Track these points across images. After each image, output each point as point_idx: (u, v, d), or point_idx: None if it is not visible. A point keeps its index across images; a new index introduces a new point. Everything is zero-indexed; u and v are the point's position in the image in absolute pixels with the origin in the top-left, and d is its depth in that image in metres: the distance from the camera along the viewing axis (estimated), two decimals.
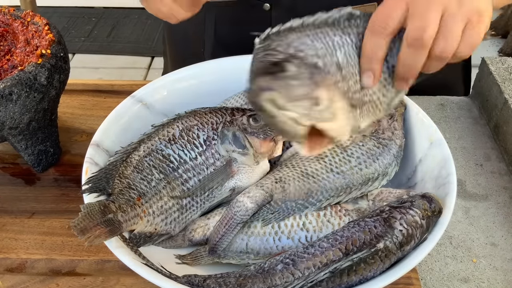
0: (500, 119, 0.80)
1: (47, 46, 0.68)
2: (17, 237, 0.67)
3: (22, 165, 0.77)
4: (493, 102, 0.83)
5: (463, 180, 0.75)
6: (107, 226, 0.53)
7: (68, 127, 0.83)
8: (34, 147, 0.73)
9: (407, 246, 0.50)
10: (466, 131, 0.83)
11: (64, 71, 0.71)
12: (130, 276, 0.62)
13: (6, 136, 0.68)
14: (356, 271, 0.48)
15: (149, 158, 0.62)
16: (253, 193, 0.58)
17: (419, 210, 0.52)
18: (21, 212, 0.70)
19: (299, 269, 0.49)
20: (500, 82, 0.81)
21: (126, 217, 0.56)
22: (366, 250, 0.48)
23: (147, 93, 0.71)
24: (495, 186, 0.74)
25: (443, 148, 0.61)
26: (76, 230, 0.51)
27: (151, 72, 2.54)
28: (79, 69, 2.52)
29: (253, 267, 0.52)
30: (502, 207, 0.71)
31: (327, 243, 0.50)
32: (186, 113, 0.66)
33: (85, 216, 0.53)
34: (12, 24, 0.74)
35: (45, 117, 0.71)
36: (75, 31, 2.81)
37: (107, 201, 0.56)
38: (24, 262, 0.64)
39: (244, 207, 0.57)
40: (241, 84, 0.72)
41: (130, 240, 0.57)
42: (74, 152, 0.79)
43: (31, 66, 0.66)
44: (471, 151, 0.80)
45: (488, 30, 0.48)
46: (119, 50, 2.67)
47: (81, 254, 0.65)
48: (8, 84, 0.63)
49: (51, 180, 0.75)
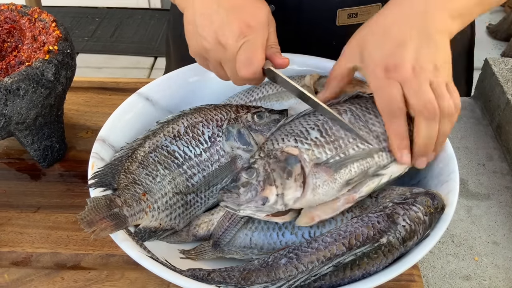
0: (503, 119, 0.81)
1: (54, 43, 0.69)
2: (23, 231, 0.68)
3: (28, 161, 0.78)
4: (496, 102, 0.83)
5: (466, 179, 0.76)
6: (113, 219, 0.54)
7: (73, 124, 0.83)
8: (40, 142, 0.74)
9: (410, 241, 0.51)
10: (468, 131, 0.83)
11: (70, 67, 0.71)
12: (134, 270, 0.62)
13: (13, 131, 0.69)
14: (359, 265, 0.49)
15: (154, 154, 0.62)
16: None
17: (422, 206, 0.53)
18: (26, 206, 0.71)
19: (303, 263, 0.49)
20: (503, 83, 0.82)
21: (132, 211, 0.57)
22: (369, 245, 0.49)
23: (152, 90, 0.72)
24: (497, 185, 0.75)
25: (446, 147, 0.61)
26: (83, 223, 0.52)
27: (154, 72, 2.55)
28: (82, 69, 2.53)
29: (257, 261, 0.52)
30: (504, 206, 0.72)
31: (331, 238, 0.50)
32: (191, 110, 0.66)
33: (92, 210, 0.53)
34: (19, 20, 0.75)
35: (51, 113, 0.72)
36: (78, 31, 2.83)
37: (113, 196, 0.57)
38: (30, 255, 0.65)
39: None
40: None
41: (135, 235, 0.57)
42: (79, 148, 0.80)
43: (38, 62, 0.66)
44: (474, 151, 0.80)
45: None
46: (122, 50, 2.68)
47: (86, 248, 0.65)
48: (16, 80, 0.64)
49: (56, 176, 0.76)
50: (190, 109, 0.66)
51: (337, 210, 0.55)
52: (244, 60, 0.57)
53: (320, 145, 0.55)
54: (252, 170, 0.54)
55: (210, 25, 0.58)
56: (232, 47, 0.58)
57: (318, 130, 0.57)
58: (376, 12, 0.60)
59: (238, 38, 0.57)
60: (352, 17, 0.77)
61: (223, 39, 0.58)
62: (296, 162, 0.54)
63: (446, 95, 0.54)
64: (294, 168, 0.53)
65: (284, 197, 0.53)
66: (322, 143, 0.55)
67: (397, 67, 0.54)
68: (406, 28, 0.56)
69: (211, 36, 0.58)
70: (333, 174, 0.54)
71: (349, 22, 0.77)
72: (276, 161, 0.54)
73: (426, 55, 0.54)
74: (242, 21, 0.58)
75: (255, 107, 0.67)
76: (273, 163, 0.54)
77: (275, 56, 0.61)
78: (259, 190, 0.53)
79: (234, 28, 0.57)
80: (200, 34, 0.59)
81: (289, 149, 0.55)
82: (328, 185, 0.54)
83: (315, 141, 0.56)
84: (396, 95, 0.54)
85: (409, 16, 0.57)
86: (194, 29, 0.60)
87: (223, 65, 0.60)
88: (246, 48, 0.57)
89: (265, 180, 0.53)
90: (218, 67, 0.61)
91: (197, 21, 0.59)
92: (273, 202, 0.53)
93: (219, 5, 0.59)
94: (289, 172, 0.53)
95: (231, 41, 0.57)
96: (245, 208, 0.53)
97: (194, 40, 0.61)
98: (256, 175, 0.53)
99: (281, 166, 0.54)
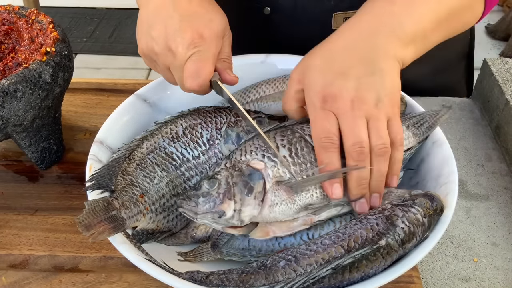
0: (502, 120, 0.80)
1: (52, 44, 0.69)
2: (20, 233, 0.67)
3: (26, 163, 0.78)
4: (495, 103, 0.83)
5: (465, 180, 0.76)
6: (110, 222, 0.54)
7: (71, 125, 0.83)
8: (38, 144, 0.73)
9: (408, 243, 0.50)
10: (467, 132, 0.83)
11: (68, 69, 0.71)
12: (132, 272, 0.62)
13: (10, 133, 0.69)
14: (358, 268, 0.49)
15: (152, 155, 0.62)
16: None
17: (421, 208, 0.52)
18: (24, 209, 0.71)
19: (301, 266, 0.49)
20: (502, 83, 0.82)
21: (129, 214, 0.57)
22: (368, 247, 0.49)
23: (150, 91, 0.72)
24: (496, 186, 0.74)
25: (444, 148, 0.61)
26: (81, 226, 0.51)
27: (153, 72, 2.55)
28: (81, 70, 2.53)
29: (256, 263, 0.52)
30: (503, 207, 0.71)
31: (329, 240, 0.50)
32: (189, 111, 0.66)
33: (89, 213, 0.53)
34: (16, 22, 0.75)
35: (49, 115, 0.72)
36: (77, 32, 2.82)
37: (110, 198, 0.57)
38: (27, 258, 0.64)
39: None
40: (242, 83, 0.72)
41: (133, 237, 0.57)
42: (77, 150, 0.80)
43: (35, 63, 0.66)
44: (473, 152, 0.80)
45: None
46: (121, 50, 2.68)
47: (84, 250, 0.65)
48: (13, 81, 0.63)
49: (54, 178, 0.75)
50: (189, 110, 0.66)
51: (292, 230, 0.54)
52: (192, 72, 0.56)
53: (286, 165, 0.54)
54: (215, 181, 0.53)
55: (162, 29, 0.57)
56: (181, 56, 0.56)
57: (288, 149, 0.56)
58: None
59: (189, 47, 0.56)
60: None
61: (173, 46, 0.56)
62: (259, 179, 0.53)
63: (381, 133, 0.51)
64: (256, 184, 0.53)
65: (241, 214, 0.52)
66: (289, 164, 0.55)
67: (334, 98, 0.51)
68: (351, 55, 0.53)
69: (162, 40, 0.57)
70: (293, 195, 0.53)
71: None
72: (239, 175, 0.53)
73: (368, 84, 0.52)
74: (195, 30, 0.57)
75: (255, 111, 0.66)
76: (237, 176, 0.53)
77: (225, 72, 0.60)
78: (217, 203, 0.52)
79: (186, 36, 0.56)
80: (152, 36, 0.58)
81: (254, 162, 0.54)
82: (286, 205, 0.53)
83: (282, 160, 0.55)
84: (330, 128, 0.52)
85: (356, 42, 0.54)
86: (146, 30, 0.59)
87: (171, 70, 0.59)
88: (195, 59, 0.56)
89: (225, 193, 0.52)
90: (166, 71, 0.61)
91: (150, 22, 0.58)
92: (229, 217, 0.52)
93: (175, 9, 0.58)
94: (250, 188, 0.52)
95: (181, 49, 0.56)
96: (202, 218, 0.53)
97: (144, 41, 0.59)
98: (217, 186, 0.53)
99: (243, 181, 0.53)
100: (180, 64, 0.57)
